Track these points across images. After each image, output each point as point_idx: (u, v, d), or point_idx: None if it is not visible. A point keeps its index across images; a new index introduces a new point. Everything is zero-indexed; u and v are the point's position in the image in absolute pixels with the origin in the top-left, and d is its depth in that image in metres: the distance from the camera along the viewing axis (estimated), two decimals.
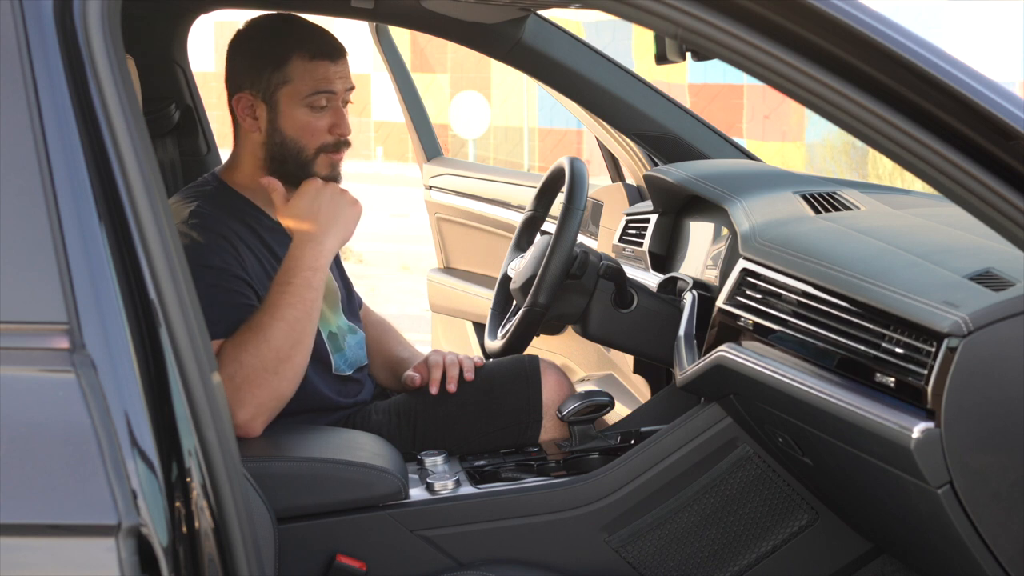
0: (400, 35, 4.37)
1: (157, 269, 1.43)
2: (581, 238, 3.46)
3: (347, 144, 2.45)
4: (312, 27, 2.47)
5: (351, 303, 2.66)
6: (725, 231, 2.65)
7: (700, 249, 2.80)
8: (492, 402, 2.55)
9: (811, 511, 2.40)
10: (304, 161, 2.41)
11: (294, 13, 2.50)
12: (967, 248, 2.05)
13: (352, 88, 2.46)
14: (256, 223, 2.44)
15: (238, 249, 2.34)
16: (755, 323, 2.22)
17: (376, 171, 16.18)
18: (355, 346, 2.57)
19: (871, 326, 1.93)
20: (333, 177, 2.45)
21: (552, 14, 3.15)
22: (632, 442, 2.49)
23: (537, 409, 2.54)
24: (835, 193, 2.55)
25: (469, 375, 2.55)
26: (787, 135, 13.04)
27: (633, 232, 3.15)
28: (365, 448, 2.32)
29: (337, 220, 2.34)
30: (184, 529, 1.41)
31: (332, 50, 2.43)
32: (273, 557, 1.99)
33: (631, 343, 2.70)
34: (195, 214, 2.35)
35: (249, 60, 2.42)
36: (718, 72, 12.69)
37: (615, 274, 2.64)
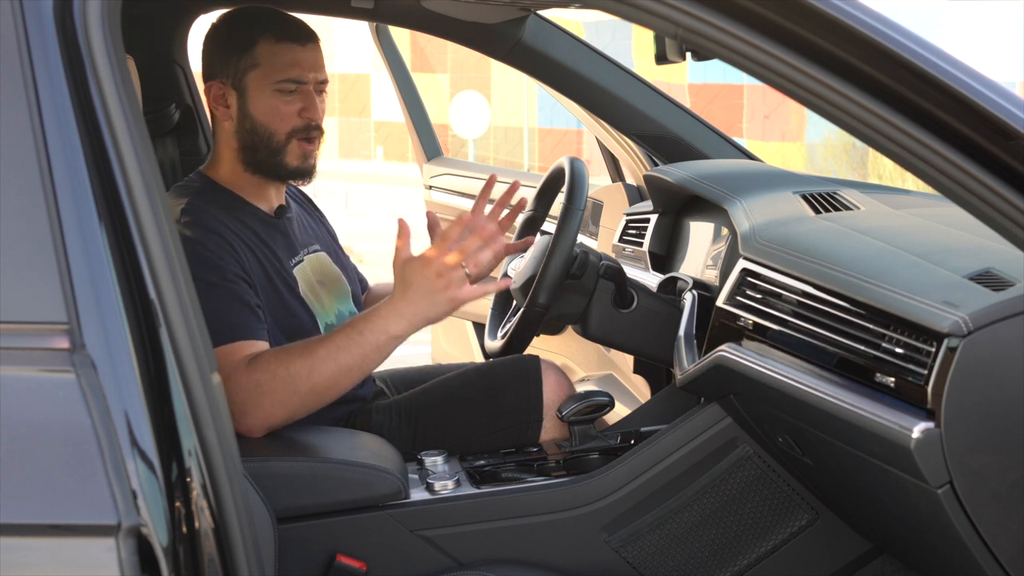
0: (400, 35, 4.37)
1: (157, 269, 1.43)
2: (581, 238, 3.46)
3: (319, 131, 2.44)
4: (281, 14, 2.46)
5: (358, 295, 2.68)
6: (725, 231, 2.65)
7: (700, 249, 2.80)
8: (492, 402, 2.55)
9: (811, 511, 2.40)
10: (276, 148, 2.40)
11: (268, 6, 2.52)
12: (967, 248, 2.05)
13: (325, 80, 2.44)
14: (247, 216, 2.43)
15: (233, 244, 2.34)
16: (755, 323, 2.22)
17: (376, 171, 16.18)
18: None
19: (871, 326, 1.93)
20: (306, 169, 2.43)
21: (552, 14, 3.15)
22: (632, 442, 2.49)
23: (538, 409, 2.55)
24: (835, 193, 2.55)
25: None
26: (787, 135, 13.04)
27: (633, 232, 3.15)
28: (365, 448, 2.32)
29: (429, 300, 2.26)
30: (184, 529, 1.41)
31: (299, 34, 2.42)
32: (273, 557, 1.99)
33: (631, 343, 2.70)
34: (187, 211, 2.35)
35: (219, 48, 2.43)
36: (718, 72, 12.70)
37: (615, 274, 2.64)
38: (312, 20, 2.59)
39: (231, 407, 2.15)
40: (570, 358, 3.69)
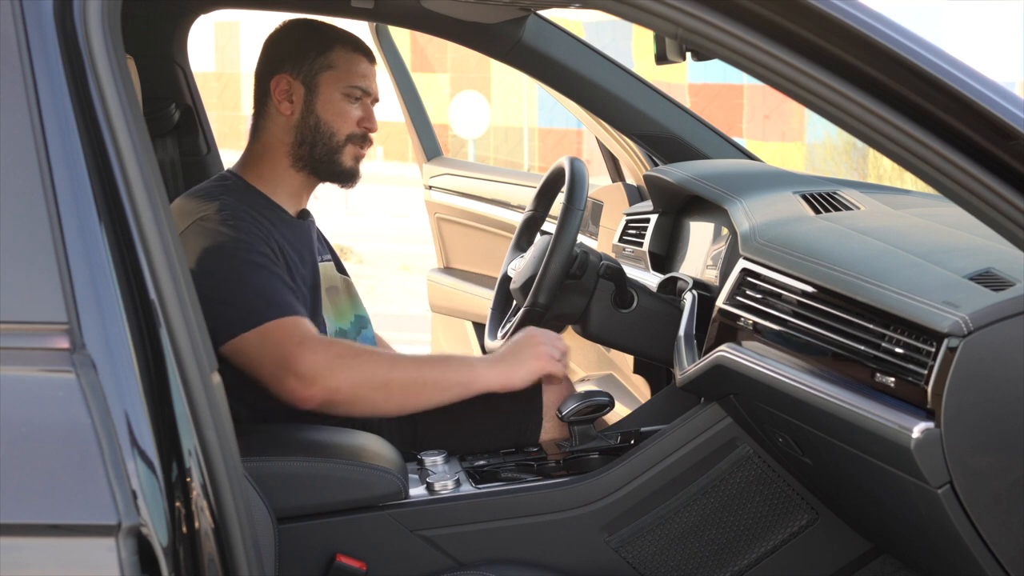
0: (400, 35, 4.37)
1: (157, 269, 1.43)
2: (581, 238, 3.46)
3: (371, 142, 2.55)
4: (349, 32, 2.59)
5: None
6: (725, 231, 2.65)
7: (700, 249, 2.80)
8: (492, 402, 2.55)
9: (811, 511, 2.40)
10: (334, 147, 2.49)
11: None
12: (967, 248, 2.05)
13: (379, 99, 2.56)
14: (275, 219, 2.47)
15: (267, 241, 2.39)
16: (755, 323, 2.22)
17: (376, 171, 16.17)
18: (368, 342, 2.59)
19: (871, 326, 1.93)
20: (355, 171, 2.53)
21: (552, 14, 3.15)
22: (632, 442, 2.49)
23: (537, 409, 2.55)
24: (835, 193, 2.55)
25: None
26: (787, 135, 13.04)
27: (633, 232, 3.15)
28: (365, 448, 2.32)
29: (516, 358, 2.44)
30: (184, 529, 1.41)
31: (368, 51, 2.56)
32: (273, 557, 1.99)
33: (631, 343, 2.70)
34: (225, 207, 2.38)
35: (293, 45, 2.51)
36: (718, 72, 12.70)
37: (615, 274, 2.64)
38: None
39: (294, 372, 2.23)
40: (570, 358, 3.68)
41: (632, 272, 2.87)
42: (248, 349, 2.27)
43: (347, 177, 2.53)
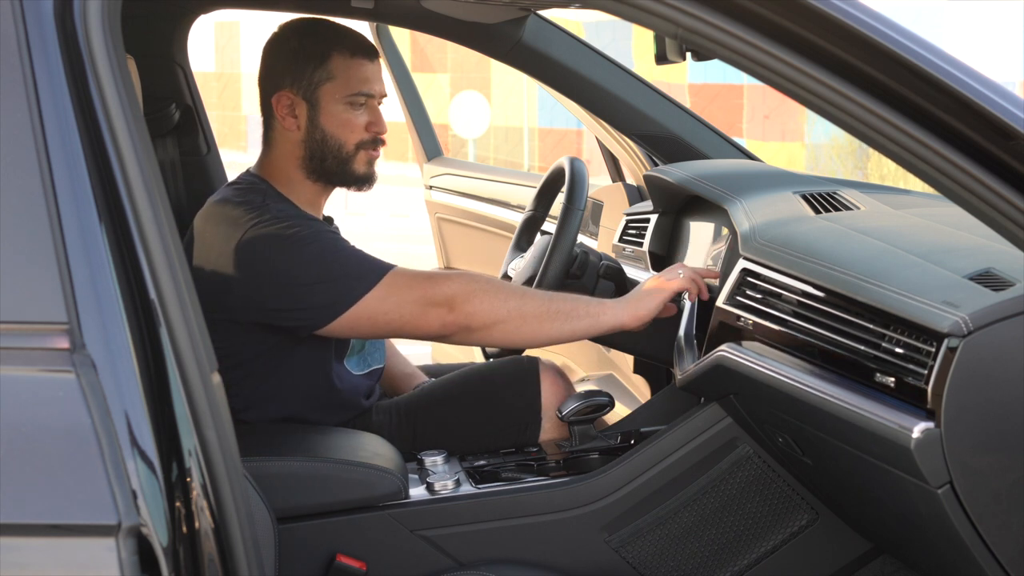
0: (400, 35, 4.37)
1: (157, 269, 1.43)
2: (581, 238, 3.46)
3: (383, 142, 2.50)
4: (347, 28, 2.51)
5: None
6: (725, 231, 2.65)
7: (700, 249, 2.80)
8: (492, 402, 2.55)
9: (811, 511, 2.40)
10: (344, 157, 2.45)
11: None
12: (967, 248, 2.05)
13: (385, 94, 2.51)
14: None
15: None
16: (755, 323, 2.22)
17: (376, 171, 16.18)
18: (375, 347, 2.59)
19: (871, 326, 1.93)
20: (370, 175, 2.51)
21: (552, 14, 3.15)
22: (632, 442, 2.49)
23: (536, 410, 2.55)
24: (835, 193, 2.55)
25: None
26: (787, 135, 13.03)
27: (633, 232, 3.15)
28: (365, 448, 2.32)
29: (639, 293, 2.43)
30: (184, 529, 1.41)
31: (369, 50, 2.48)
32: (273, 557, 1.99)
33: (631, 343, 2.70)
34: (279, 211, 2.37)
35: (289, 59, 2.45)
36: (718, 72, 12.69)
37: (615, 274, 2.64)
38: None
39: (434, 302, 2.29)
40: (570, 358, 3.69)
41: (632, 272, 2.87)
42: (376, 306, 2.29)
43: (362, 182, 2.50)
